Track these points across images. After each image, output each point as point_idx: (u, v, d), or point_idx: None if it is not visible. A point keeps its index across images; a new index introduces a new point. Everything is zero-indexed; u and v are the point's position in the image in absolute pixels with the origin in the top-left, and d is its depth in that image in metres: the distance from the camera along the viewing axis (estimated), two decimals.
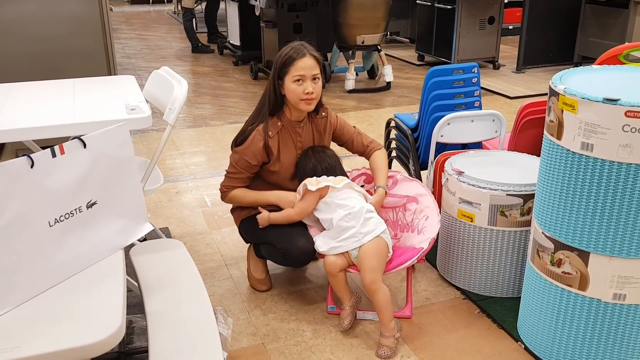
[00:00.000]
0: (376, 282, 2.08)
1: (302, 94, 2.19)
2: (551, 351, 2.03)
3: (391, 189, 2.44)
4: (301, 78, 2.19)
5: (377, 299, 2.08)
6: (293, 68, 2.18)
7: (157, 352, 1.48)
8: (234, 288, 2.53)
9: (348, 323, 2.20)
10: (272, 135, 2.26)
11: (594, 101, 1.69)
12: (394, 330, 2.11)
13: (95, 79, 2.58)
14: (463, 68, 2.86)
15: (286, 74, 2.20)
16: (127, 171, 1.62)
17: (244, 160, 2.27)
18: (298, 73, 2.18)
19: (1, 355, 1.18)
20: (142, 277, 1.76)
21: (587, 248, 1.84)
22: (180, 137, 4.48)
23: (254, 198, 2.33)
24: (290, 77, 2.19)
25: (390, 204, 2.45)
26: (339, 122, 2.44)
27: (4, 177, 1.32)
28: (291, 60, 2.19)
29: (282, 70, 2.20)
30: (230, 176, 2.33)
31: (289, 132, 2.31)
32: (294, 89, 2.20)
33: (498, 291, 2.42)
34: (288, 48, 2.23)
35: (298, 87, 2.19)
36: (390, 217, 2.45)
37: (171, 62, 7.04)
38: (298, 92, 2.20)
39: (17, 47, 3.57)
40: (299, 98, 2.20)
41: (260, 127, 2.26)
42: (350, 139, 2.46)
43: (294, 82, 2.19)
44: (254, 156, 2.26)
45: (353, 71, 5.66)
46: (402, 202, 2.42)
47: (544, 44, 6.36)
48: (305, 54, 2.19)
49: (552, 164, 1.88)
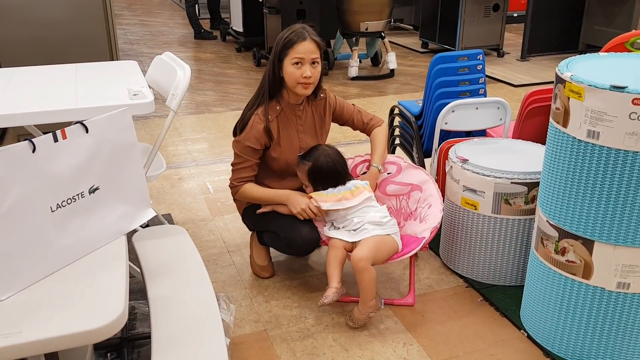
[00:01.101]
0: (363, 260, 2.08)
1: (300, 78, 2.17)
2: (554, 339, 2.03)
3: (395, 177, 2.43)
4: (300, 61, 2.16)
5: (362, 278, 2.10)
6: (292, 51, 2.16)
7: (159, 338, 1.47)
8: (236, 275, 2.52)
9: (327, 301, 2.10)
10: (271, 119, 2.25)
11: (600, 88, 1.67)
12: (370, 309, 2.14)
13: (97, 64, 2.57)
14: (468, 55, 2.83)
15: (286, 56, 2.18)
16: (129, 156, 1.61)
17: (247, 147, 2.25)
18: (297, 56, 2.16)
19: (3, 340, 1.18)
20: (144, 263, 1.76)
21: (591, 236, 1.83)
22: (183, 123, 4.47)
23: (263, 195, 2.30)
24: (289, 59, 2.17)
25: (394, 192, 2.44)
26: (337, 102, 2.43)
27: (6, 162, 1.31)
28: (291, 43, 2.16)
29: (282, 53, 2.18)
30: (237, 167, 2.30)
31: (289, 116, 2.29)
32: (293, 72, 2.18)
33: (501, 279, 2.41)
34: (289, 31, 2.20)
35: (297, 71, 2.17)
36: (393, 204, 2.44)
37: (174, 48, 7.00)
38: (296, 76, 2.18)
39: (19, 33, 3.55)
40: (296, 81, 2.18)
41: (259, 111, 2.25)
42: (351, 118, 2.45)
43: (292, 64, 2.17)
44: (256, 141, 2.24)
45: (356, 58, 5.62)
46: (407, 190, 2.41)
47: (549, 32, 6.31)
48: (305, 37, 2.17)
49: (558, 152, 1.86)
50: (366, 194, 2.24)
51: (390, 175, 2.46)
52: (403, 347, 2.08)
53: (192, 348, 1.44)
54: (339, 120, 2.46)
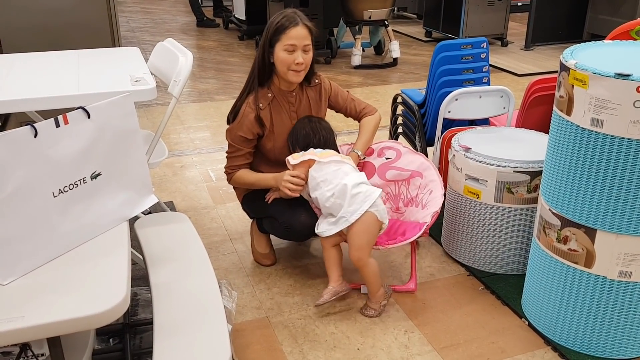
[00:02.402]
0: (362, 259, 2.09)
1: (292, 64, 2.16)
2: (555, 328, 2.03)
3: (394, 162, 2.42)
4: (292, 47, 2.14)
5: (365, 273, 2.12)
6: (285, 36, 2.14)
7: (161, 324, 1.48)
8: (238, 262, 2.53)
9: (322, 301, 2.13)
10: (263, 107, 2.23)
11: (605, 76, 1.66)
12: (381, 298, 2.16)
13: (99, 50, 2.56)
14: (472, 43, 2.82)
15: (277, 42, 2.15)
16: (131, 142, 1.61)
17: (238, 136, 2.25)
18: (290, 42, 2.14)
19: (6, 325, 1.19)
20: (147, 249, 1.76)
21: (594, 225, 1.82)
22: (185, 111, 4.46)
23: (255, 179, 2.30)
24: (281, 45, 2.15)
25: (393, 177, 2.43)
26: (333, 88, 2.41)
27: (7, 146, 1.31)
28: (283, 28, 2.14)
29: (274, 38, 2.16)
30: (230, 156, 2.31)
31: (281, 103, 2.27)
32: (284, 58, 2.15)
33: (503, 268, 2.41)
34: (280, 15, 2.18)
35: (288, 57, 2.15)
36: (392, 190, 2.44)
37: (176, 36, 6.97)
38: (288, 62, 2.15)
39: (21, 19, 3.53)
40: (287, 68, 2.17)
41: (250, 99, 2.23)
42: (345, 105, 2.44)
43: (284, 50, 2.15)
44: (248, 130, 2.23)
45: (359, 47, 5.59)
46: (406, 176, 2.40)
47: (553, 21, 6.27)
48: (298, 22, 2.15)
49: (561, 140, 1.86)
50: (335, 157, 2.17)
51: (389, 160, 2.45)
52: (404, 335, 2.09)
53: (194, 334, 1.45)
54: (335, 107, 2.45)
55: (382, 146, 2.49)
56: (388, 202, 2.46)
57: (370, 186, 2.14)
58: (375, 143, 2.48)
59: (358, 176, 2.16)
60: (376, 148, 2.49)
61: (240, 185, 2.36)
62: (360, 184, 2.12)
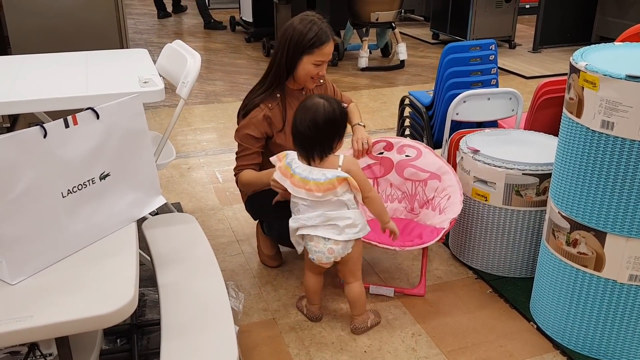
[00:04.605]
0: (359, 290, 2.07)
1: (316, 75, 2.20)
2: (564, 332, 2.02)
3: (414, 160, 2.41)
4: (322, 62, 2.18)
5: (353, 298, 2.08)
6: (319, 52, 2.15)
7: (169, 325, 1.48)
8: (245, 263, 2.53)
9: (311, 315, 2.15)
10: (272, 107, 2.24)
11: (616, 78, 1.65)
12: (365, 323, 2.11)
13: (108, 52, 2.56)
14: (480, 45, 2.81)
15: (308, 54, 2.15)
16: (140, 143, 1.61)
17: (245, 134, 2.24)
18: (322, 58, 2.17)
19: (15, 324, 1.19)
20: (154, 250, 1.76)
21: (604, 228, 1.81)
22: (192, 113, 4.46)
23: (255, 177, 2.24)
24: (311, 58, 2.16)
25: (410, 176, 2.42)
26: (335, 91, 2.46)
27: (17, 147, 1.31)
28: (319, 43, 2.14)
29: (307, 49, 2.15)
30: (238, 156, 2.29)
31: (291, 101, 2.27)
32: (310, 70, 2.18)
33: (511, 271, 2.40)
34: (313, 27, 2.13)
35: (314, 69, 2.18)
36: (408, 189, 2.43)
37: (183, 38, 6.99)
38: (313, 73, 2.19)
39: (31, 21, 3.55)
40: (310, 77, 2.20)
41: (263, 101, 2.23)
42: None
43: (313, 64, 2.17)
44: (255, 128, 2.22)
45: (366, 49, 5.59)
46: (424, 177, 2.38)
47: (561, 24, 6.24)
48: (329, 38, 2.17)
49: (571, 142, 1.85)
50: (322, 197, 1.87)
51: (409, 158, 2.43)
52: (411, 338, 2.08)
53: (201, 335, 1.45)
54: None
55: (402, 143, 2.46)
56: (403, 202, 2.45)
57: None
58: (396, 140, 2.47)
59: (345, 219, 1.93)
60: (396, 144, 2.45)
61: (245, 186, 2.31)
62: (343, 232, 1.93)
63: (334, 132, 1.93)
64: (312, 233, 1.95)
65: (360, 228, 1.96)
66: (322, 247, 1.95)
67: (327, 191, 1.87)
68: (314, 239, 1.95)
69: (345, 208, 1.92)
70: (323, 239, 1.94)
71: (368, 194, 1.95)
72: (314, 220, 1.93)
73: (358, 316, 2.09)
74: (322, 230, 1.94)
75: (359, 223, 1.95)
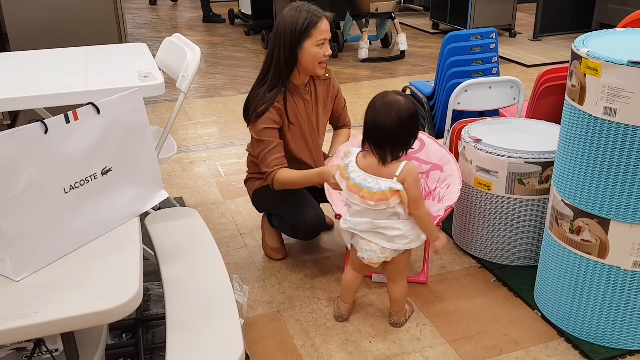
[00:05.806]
0: (402, 288, 2.07)
1: (322, 57, 2.17)
2: (568, 319, 2.02)
3: (417, 153, 2.40)
4: (324, 41, 2.15)
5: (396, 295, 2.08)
6: (316, 31, 2.13)
7: (174, 319, 1.48)
8: (248, 257, 2.53)
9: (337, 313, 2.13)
10: (278, 101, 2.22)
11: (618, 64, 1.64)
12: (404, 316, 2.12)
13: (107, 46, 2.55)
14: (481, 33, 2.79)
15: (307, 38, 2.13)
16: (141, 138, 1.60)
17: (262, 128, 2.18)
18: (322, 36, 2.14)
19: (20, 320, 1.19)
20: (158, 244, 1.76)
21: (607, 215, 1.81)
22: (193, 107, 4.46)
23: (299, 176, 2.18)
24: (312, 41, 2.13)
25: None
26: (339, 90, 2.45)
27: (18, 143, 1.30)
28: (313, 23, 2.12)
29: (304, 35, 2.12)
30: (264, 152, 2.19)
31: (294, 97, 2.25)
32: (316, 53, 2.15)
33: (514, 260, 2.40)
34: (302, 12, 2.14)
35: (319, 51, 2.15)
36: None
37: (182, 31, 6.97)
38: (319, 56, 2.16)
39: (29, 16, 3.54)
40: (317, 61, 2.17)
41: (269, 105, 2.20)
42: (338, 111, 2.47)
43: (315, 45, 2.14)
44: (270, 120, 2.18)
45: (366, 40, 5.57)
46: (426, 168, 2.38)
47: (562, 11, 6.21)
48: (322, 16, 2.15)
49: (573, 129, 1.84)
50: (374, 205, 1.84)
51: (412, 151, 2.42)
52: (416, 327, 2.08)
53: (206, 328, 1.45)
54: (334, 108, 2.46)
55: None
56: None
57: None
58: None
59: (397, 230, 1.91)
60: None
61: (282, 185, 2.21)
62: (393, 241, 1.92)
63: (415, 129, 1.87)
64: (362, 235, 1.93)
65: (411, 239, 1.90)
66: (374, 246, 1.91)
67: (380, 201, 1.83)
68: (365, 238, 1.93)
69: (395, 218, 1.88)
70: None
71: (415, 212, 1.86)
72: (362, 226, 1.90)
73: (398, 312, 2.09)
74: (370, 235, 1.91)
75: (410, 235, 1.89)
